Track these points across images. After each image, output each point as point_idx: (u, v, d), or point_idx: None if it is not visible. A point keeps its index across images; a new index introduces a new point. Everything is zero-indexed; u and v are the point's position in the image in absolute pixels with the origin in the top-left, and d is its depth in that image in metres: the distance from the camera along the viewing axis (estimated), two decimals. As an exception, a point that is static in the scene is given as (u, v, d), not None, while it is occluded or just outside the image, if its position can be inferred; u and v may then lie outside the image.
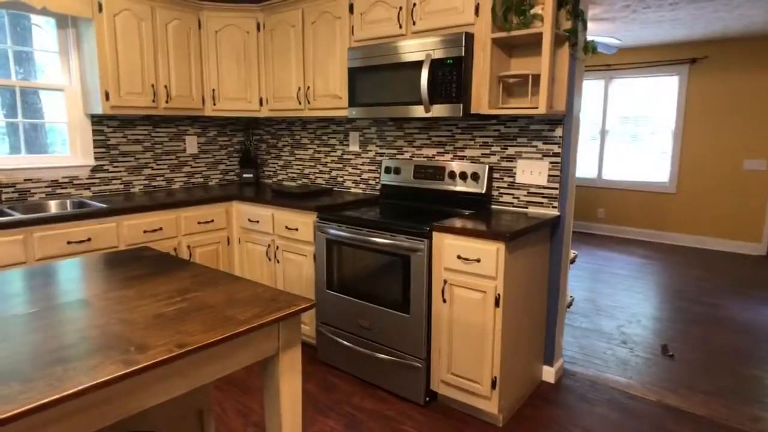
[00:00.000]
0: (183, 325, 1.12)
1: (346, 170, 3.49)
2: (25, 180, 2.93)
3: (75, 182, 3.13)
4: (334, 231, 2.67)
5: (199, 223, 3.12)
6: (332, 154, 3.56)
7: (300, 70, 3.21)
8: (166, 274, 1.51)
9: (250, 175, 3.91)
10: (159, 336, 1.06)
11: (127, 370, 0.91)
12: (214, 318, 1.16)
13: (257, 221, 3.15)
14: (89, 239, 2.65)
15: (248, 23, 3.40)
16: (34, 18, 3.00)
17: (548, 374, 2.65)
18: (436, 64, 2.46)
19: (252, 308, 1.22)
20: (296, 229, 2.92)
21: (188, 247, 3.09)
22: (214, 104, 3.44)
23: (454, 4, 2.46)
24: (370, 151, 3.32)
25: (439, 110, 2.47)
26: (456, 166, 2.80)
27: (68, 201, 2.98)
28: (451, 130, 2.91)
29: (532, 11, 2.27)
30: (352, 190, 3.46)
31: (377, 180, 3.31)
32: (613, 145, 6.55)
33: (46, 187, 3.02)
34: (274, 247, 3.08)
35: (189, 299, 1.28)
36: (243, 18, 3.39)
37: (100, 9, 2.87)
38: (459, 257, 2.21)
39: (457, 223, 2.29)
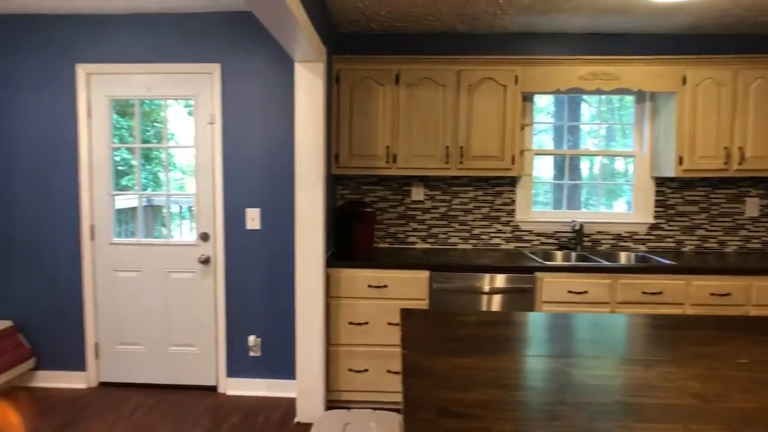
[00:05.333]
0: None
1: None
2: (597, 232, 3.47)
3: (634, 237, 3.47)
4: None
5: (772, 294, 2.81)
6: None
7: None
8: None
9: (828, 247, 3.23)
10: None
11: None
12: None
13: None
14: (660, 292, 2.83)
15: None
16: (585, 97, 3.57)
17: None
18: None
19: None
20: None
21: (755, 318, 2.82)
22: (796, 164, 3.06)
23: None
24: None
25: None
26: None
27: (632, 254, 3.31)
28: None
29: None
30: None
31: None
32: None
33: (611, 239, 3.47)
34: None
35: None
36: None
37: (684, 82, 3.10)
38: None
39: None
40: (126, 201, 3.47)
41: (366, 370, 2.95)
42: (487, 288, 2.90)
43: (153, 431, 2.75)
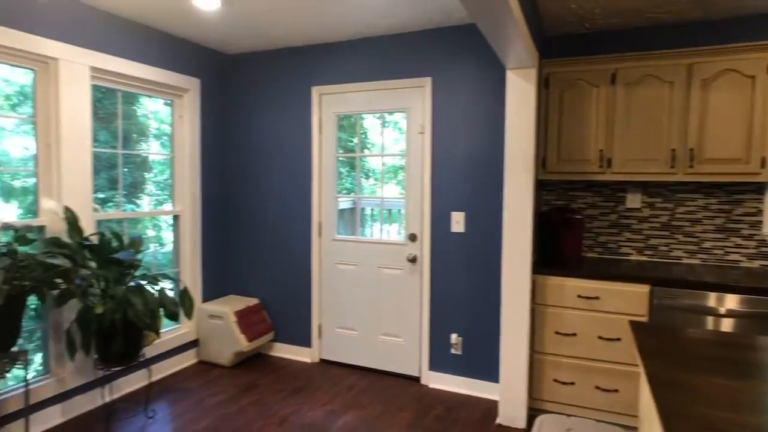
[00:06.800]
0: None
1: None
2: None
3: None
4: None
5: None
6: None
7: None
8: None
9: None
10: None
11: None
12: None
13: None
14: None
15: None
16: None
17: None
18: None
19: None
20: None
21: None
22: None
23: None
24: None
25: None
26: None
27: None
28: None
29: None
30: None
31: None
32: None
33: None
34: None
35: None
36: None
37: None
38: None
39: None
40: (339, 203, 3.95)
41: (572, 383, 2.83)
42: (722, 309, 2.52)
43: (366, 409, 3.08)
